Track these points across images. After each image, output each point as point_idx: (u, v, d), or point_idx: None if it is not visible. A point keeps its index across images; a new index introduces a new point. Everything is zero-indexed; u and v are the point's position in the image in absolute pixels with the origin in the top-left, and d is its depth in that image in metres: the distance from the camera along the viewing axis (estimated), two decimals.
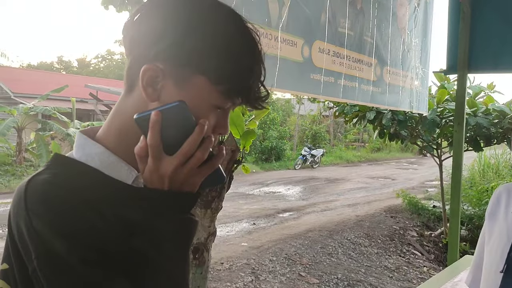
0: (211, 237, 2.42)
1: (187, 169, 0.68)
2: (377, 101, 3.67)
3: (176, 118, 0.68)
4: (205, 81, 0.70)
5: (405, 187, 12.42)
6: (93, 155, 0.74)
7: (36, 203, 0.66)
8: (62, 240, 0.63)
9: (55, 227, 0.64)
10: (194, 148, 0.68)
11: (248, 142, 2.55)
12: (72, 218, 0.65)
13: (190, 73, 0.70)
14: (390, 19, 3.60)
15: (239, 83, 0.71)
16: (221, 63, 0.70)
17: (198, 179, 0.71)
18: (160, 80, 0.70)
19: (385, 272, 6.10)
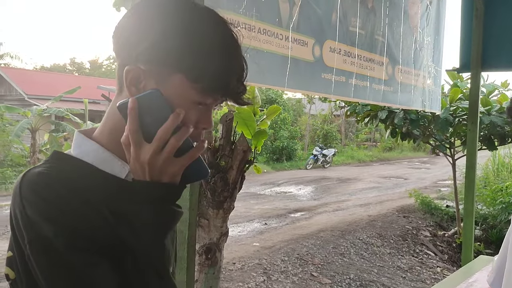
0: (223, 237, 2.43)
1: (163, 156, 0.71)
2: (388, 100, 3.65)
3: (152, 105, 0.72)
4: (183, 79, 0.73)
5: (417, 186, 12.32)
6: (88, 152, 0.79)
7: (29, 191, 0.71)
8: (49, 224, 0.68)
9: (44, 213, 0.69)
10: (167, 134, 0.71)
11: (260, 142, 2.55)
12: (60, 205, 0.69)
13: (169, 72, 0.73)
14: (402, 18, 3.57)
15: (216, 81, 0.73)
16: (197, 62, 0.72)
17: (177, 169, 0.73)
18: (142, 80, 0.75)
19: (398, 272, 6.05)
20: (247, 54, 2.31)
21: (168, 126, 0.71)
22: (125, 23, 0.77)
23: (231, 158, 2.33)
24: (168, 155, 0.71)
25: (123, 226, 0.72)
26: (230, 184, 2.33)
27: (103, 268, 0.69)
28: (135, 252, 0.71)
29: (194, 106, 0.75)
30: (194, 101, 0.75)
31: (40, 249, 0.68)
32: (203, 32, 0.74)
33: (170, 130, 0.71)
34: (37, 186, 0.71)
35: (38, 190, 0.70)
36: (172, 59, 0.73)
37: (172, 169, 0.72)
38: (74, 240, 0.68)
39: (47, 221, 0.68)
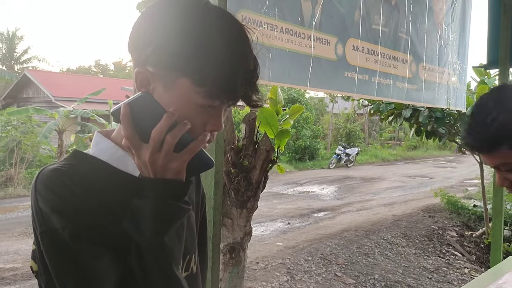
0: (247, 237, 2.44)
1: (163, 154, 0.73)
2: (412, 99, 3.60)
3: (145, 108, 0.74)
4: (189, 83, 0.73)
5: (443, 186, 12.09)
6: (104, 150, 0.83)
7: (42, 186, 0.74)
8: (58, 217, 0.71)
9: (54, 206, 0.72)
10: (162, 133, 0.72)
11: (283, 141, 2.55)
12: (69, 199, 0.73)
13: (175, 76, 0.74)
14: (426, 14, 3.51)
15: (221, 84, 0.73)
16: (203, 66, 0.72)
17: (179, 164, 0.74)
18: (151, 83, 0.77)
19: (424, 273, 5.96)
20: (269, 54, 2.31)
21: (162, 126, 0.72)
22: (137, 25, 0.79)
23: (254, 157, 2.33)
24: (167, 152, 0.73)
25: (128, 220, 0.74)
26: (254, 183, 2.34)
27: (107, 261, 0.72)
28: (139, 247, 0.73)
29: (202, 109, 0.76)
30: (200, 104, 0.75)
31: (48, 240, 0.72)
32: (208, 36, 0.73)
33: (164, 130, 0.72)
34: (50, 181, 0.75)
35: (50, 184, 0.74)
36: (177, 63, 0.73)
37: (174, 165, 0.74)
38: (80, 232, 0.71)
39: (56, 214, 0.72)
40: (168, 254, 0.74)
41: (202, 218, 1.07)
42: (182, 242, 0.78)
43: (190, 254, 0.92)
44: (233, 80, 0.73)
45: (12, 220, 8.39)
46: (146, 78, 0.76)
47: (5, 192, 10.91)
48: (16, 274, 5.43)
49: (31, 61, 33.90)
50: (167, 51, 0.73)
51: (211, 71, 0.72)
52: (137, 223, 0.73)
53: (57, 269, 0.72)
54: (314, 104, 25.86)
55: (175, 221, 0.75)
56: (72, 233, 0.71)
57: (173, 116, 0.73)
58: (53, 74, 25.18)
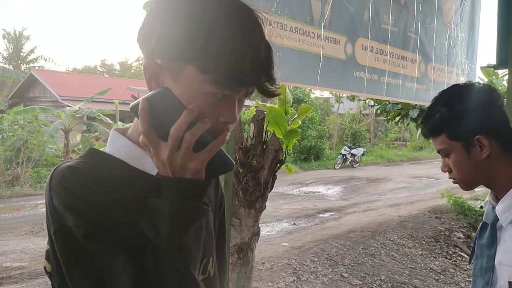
0: (255, 237, 2.42)
1: (181, 153, 0.70)
2: (421, 99, 3.57)
3: (164, 104, 0.71)
4: (194, 70, 0.70)
5: (449, 187, 11.98)
6: (120, 148, 0.82)
7: (56, 183, 0.73)
8: (71, 215, 0.70)
9: (68, 204, 0.71)
10: (181, 132, 0.69)
11: (291, 141, 2.53)
12: (83, 197, 0.71)
13: (181, 64, 0.71)
14: (435, 14, 3.49)
15: (228, 70, 0.69)
16: (206, 51, 0.69)
17: (198, 164, 0.71)
18: (160, 75, 0.74)
19: (431, 274, 5.92)
20: (279, 53, 2.30)
21: (181, 124, 0.69)
22: (144, 20, 0.77)
23: (263, 157, 2.32)
24: (186, 152, 0.70)
25: (144, 219, 0.72)
26: (262, 183, 2.33)
27: (121, 261, 0.70)
28: (155, 247, 0.71)
29: (212, 99, 0.73)
30: (208, 93, 0.72)
31: (61, 239, 0.70)
32: (211, 20, 0.70)
33: (183, 127, 0.69)
34: (64, 178, 0.73)
35: (64, 182, 0.72)
36: (180, 51, 0.71)
37: (192, 165, 0.71)
38: (93, 231, 0.70)
39: (70, 212, 0.70)
40: (185, 256, 0.72)
41: (220, 220, 1.04)
42: (200, 244, 0.76)
43: (207, 257, 0.89)
44: (240, 65, 0.69)
45: (19, 219, 8.43)
46: (155, 71, 0.74)
47: (12, 191, 10.95)
48: (23, 272, 5.45)
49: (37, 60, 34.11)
50: (169, 40, 0.71)
51: (215, 56, 0.69)
52: (154, 223, 0.71)
53: (69, 269, 0.70)
54: (319, 104, 25.82)
55: (193, 222, 0.72)
56: (85, 232, 0.69)
57: (193, 113, 0.70)
58: (59, 74, 25.30)
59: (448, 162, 1.26)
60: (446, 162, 1.27)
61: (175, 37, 0.70)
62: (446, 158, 1.26)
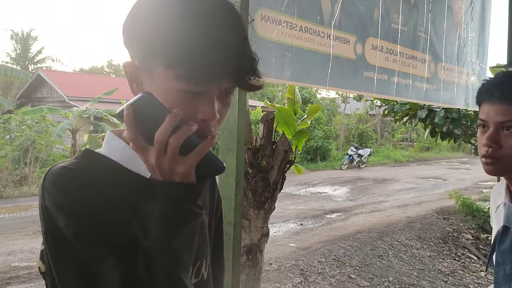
0: (264, 238, 2.41)
1: (168, 158, 0.68)
2: (431, 99, 3.54)
3: (148, 109, 0.70)
4: (162, 68, 0.69)
5: (457, 187, 11.94)
6: (115, 150, 0.81)
7: (49, 183, 0.72)
8: (62, 215, 0.69)
9: (59, 204, 0.70)
10: (165, 136, 0.68)
11: (301, 142, 2.51)
12: (75, 197, 0.70)
13: (152, 63, 0.70)
14: (445, 13, 3.46)
15: (195, 65, 0.67)
16: (171, 48, 0.67)
17: (186, 168, 0.69)
18: (139, 75, 0.74)
19: (439, 276, 5.87)
20: (288, 53, 2.28)
21: (164, 128, 0.68)
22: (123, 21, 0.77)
23: (272, 158, 2.31)
24: (172, 156, 0.68)
25: (136, 221, 0.71)
26: (271, 184, 2.31)
27: (110, 263, 0.69)
28: (146, 250, 0.70)
29: (185, 96, 0.71)
30: (180, 90, 0.70)
31: (52, 239, 0.70)
32: (176, 14, 0.69)
33: (167, 132, 0.68)
34: (58, 178, 0.72)
35: (57, 182, 0.72)
36: (150, 49, 0.70)
37: (180, 169, 0.69)
38: (84, 232, 0.69)
39: (61, 212, 0.69)
40: (175, 259, 0.71)
41: (218, 222, 1.03)
42: (192, 247, 0.74)
43: (201, 260, 0.88)
44: (205, 60, 0.67)
45: (27, 218, 8.46)
46: (134, 71, 0.74)
47: (20, 191, 11.01)
48: (31, 272, 5.47)
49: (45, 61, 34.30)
50: (137, 38, 0.71)
51: (179, 52, 0.67)
52: (145, 225, 0.70)
53: (58, 269, 0.70)
54: (325, 104, 25.76)
55: (184, 225, 0.71)
56: (75, 232, 0.68)
57: (177, 117, 0.68)
58: (67, 74, 25.40)
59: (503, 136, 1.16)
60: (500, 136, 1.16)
61: (144, 35, 0.70)
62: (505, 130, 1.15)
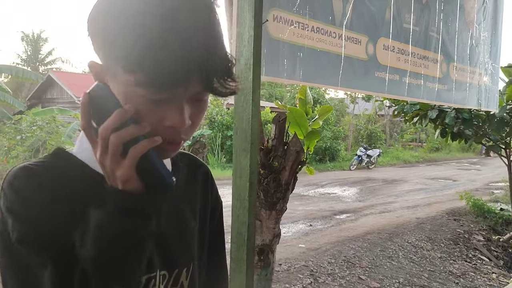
0: (276, 239, 2.41)
1: (109, 157, 0.64)
2: (443, 99, 3.52)
3: (101, 100, 0.66)
4: (122, 72, 0.64)
5: (468, 188, 11.85)
6: (85, 150, 0.75)
7: (6, 184, 0.69)
8: (11, 218, 0.66)
9: (10, 206, 0.67)
10: (107, 132, 0.63)
11: (312, 143, 2.51)
12: (27, 199, 0.67)
13: (114, 65, 0.65)
14: (457, 13, 3.43)
15: (155, 70, 0.61)
16: (129, 51, 0.61)
17: (124, 172, 0.64)
18: (105, 75, 0.69)
19: (450, 277, 5.83)
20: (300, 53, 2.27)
21: (108, 124, 0.63)
22: None
23: (284, 159, 2.30)
24: (113, 156, 0.63)
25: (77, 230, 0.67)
26: (283, 185, 2.31)
27: (51, 272, 0.65)
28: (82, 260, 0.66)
29: (149, 102, 0.65)
30: (142, 96, 0.64)
31: (1, 241, 0.67)
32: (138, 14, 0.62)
33: (110, 128, 0.63)
34: (15, 179, 0.69)
35: (14, 183, 0.69)
36: (110, 49, 0.65)
37: (119, 172, 0.64)
38: (28, 237, 0.66)
39: (11, 214, 0.66)
40: (106, 271, 0.65)
41: (214, 226, 0.98)
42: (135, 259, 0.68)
43: (179, 268, 0.85)
44: (171, 63, 0.61)
45: None
46: (99, 70, 0.69)
47: None
48: None
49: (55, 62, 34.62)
50: (99, 35, 0.66)
51: (139, 54, 0.61)
52: (83, 234, 0.66)
53: (3, 272, 0.68)
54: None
55: (120, 237, 0.65)
56: (19, 237, 0.65)
57: (124, 114, 0.63)
58: (76, 75, 25.59)
59: None
60: None
61: (105, 33, 0.65)
62: None
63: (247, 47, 1.48)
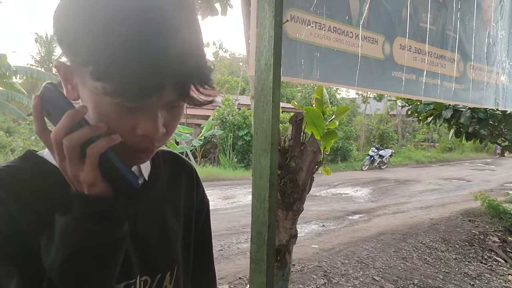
0: (293, 239, 2.40)
1: (68, 161, 0.60)
2: (459, 99, 3.48)
3: (53, 102, 0.62)
4: (89, 78, 0.59)
5: (482, 189, 11.71)
6: None
7: None
8: None
9: None
10: (59, 135, 0.59)
11: (329, 143, 2.50)
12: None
13: (80, 69, 0.60)
14: (475, 11, 3.39)
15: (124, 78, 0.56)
16: (95, 57, 0.56)
17: (87, 175, 0.60)
18: (73, 78, 0.64)
19: (466, 279, 5.76)
20: (317, 53, 2.27)
21: (59, 127, 0.59)
22: None
23: (301, 159, 2.30)
24: (70, 160, 0.60)
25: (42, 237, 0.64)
26: (300, 185, 2.30)
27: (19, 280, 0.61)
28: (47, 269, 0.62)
29: (120, 110, 0.61)
30: (115, 105, 0.60)
31: None
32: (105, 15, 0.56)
33: (61, 131, 0.59)
34: None
35: None
36: (76, 53, 0.59)
37: (82, 176, 0.60)
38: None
39: None
40: (74, 281, 0.62)
41: (200, 227, 0.95)
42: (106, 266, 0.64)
43: (162, 272, 0.81)
44: (141, 71, 0.56)
45: None
46: (66, 72, 0.65)
47: None
48: None
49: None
50: (64, 36, 0.61)
51: (106, 61, 0.56)
52: (47, 242, 0.63)
53: None
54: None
55: (86, 244, 0.61)
56: None
57: (75, 116, 0.59)
58: None
59: None
60: None
61: (70, 34, 0.59)
62: None
63: (267, 47, 1.48)
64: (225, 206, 9.58)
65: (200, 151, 17.18)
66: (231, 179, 13.81)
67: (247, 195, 10.77)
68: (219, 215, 8.49)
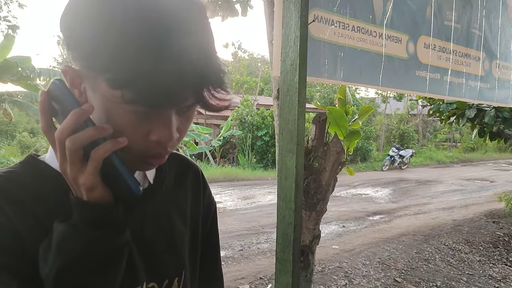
0: (316, 240, 2.39)
1: (69, 163, 0.58)
2: (485, 98, 3.42)
3: (61, 99, 0.60)
4: (105, 85, 0.57)
5: (506, 190, 11.46)
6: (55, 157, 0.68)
7: None
8: None
9: None
10: (63, 135, 0.57)
11: (353, 143, 2.48)
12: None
13: (93, 75, 0.59)
14: (500, 9, 3.33)
15: (142, 87, 0.55)
16: (114, 65, 0.55)
17: (87, 179, 0.58)
18: (81, 83, 0.63)
19: (490, 281, 5.66)
20: (341, 53, 2.26)
21: (63, 127, 0.57)
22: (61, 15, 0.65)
23: (324, 159, 2.29)
24: (72, 162, 0.58)
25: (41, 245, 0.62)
26: (323, 186, 2.30)
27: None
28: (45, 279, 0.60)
29: (134, 116, 0.60)
30: (130, 111, 0.59)
31: None
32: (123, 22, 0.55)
33: (66, 131, 0.57)
34: None
35: None
36: (90, 60, 0.58)
37: (81, 180, 0.59)
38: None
39: None
40: None
41: (208, 230, 0.93)
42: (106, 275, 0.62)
43: (170, 278, 0.79)
44: (163, 79, 0.55)
45: None
46: (74, 76, 0.62)
47: None
48: None
49: None
50: (76, 41, 0.59)
51: (128, 69, 0.55)
52: (46, 251, 0.61)
53: None
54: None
55: (84, 252, 0.59)
56: None
57: (80, 115, 0.57)
58: None
59: None
60: None
61: (84, 39, 0.58)
62: None
63: (293, 47, 1.48)
64: (245, 206, 9.60)
65: (219, 151, 17.26)
66: (250, 179, 13.84)
67: (266, 195, 10.78)
68: (239, 215, 8.52)
